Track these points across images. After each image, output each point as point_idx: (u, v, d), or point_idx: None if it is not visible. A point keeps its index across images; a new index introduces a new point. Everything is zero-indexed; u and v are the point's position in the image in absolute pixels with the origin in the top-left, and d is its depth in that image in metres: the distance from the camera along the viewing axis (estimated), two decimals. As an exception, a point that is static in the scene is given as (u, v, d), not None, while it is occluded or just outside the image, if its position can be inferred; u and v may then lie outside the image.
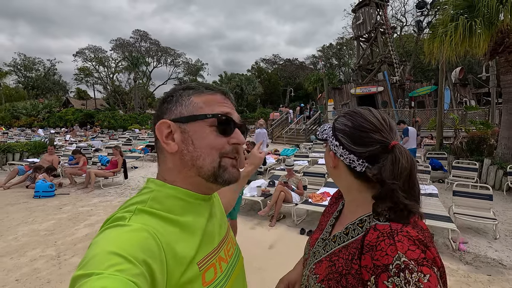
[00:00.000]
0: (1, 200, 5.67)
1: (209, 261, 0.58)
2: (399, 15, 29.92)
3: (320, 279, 0.67)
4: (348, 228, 0.69)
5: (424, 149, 10.63)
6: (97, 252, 0.43)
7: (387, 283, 0.53)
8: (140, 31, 41.65)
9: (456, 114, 11.18)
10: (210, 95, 0.64)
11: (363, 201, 0.70)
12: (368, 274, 0.57)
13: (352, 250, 0.63)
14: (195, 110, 0.61)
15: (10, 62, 42.41)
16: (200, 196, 0.63)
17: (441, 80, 9.63)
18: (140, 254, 0.44)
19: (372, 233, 0.60)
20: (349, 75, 38.02)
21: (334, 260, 0.67)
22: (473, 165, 6.62)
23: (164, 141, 0.60)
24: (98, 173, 6.86)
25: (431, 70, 27.30)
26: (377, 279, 0.55)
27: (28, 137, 17.27)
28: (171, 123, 0.60)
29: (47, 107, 32.17)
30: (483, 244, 3.68)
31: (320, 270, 0.69)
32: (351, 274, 0.61)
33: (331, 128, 0.76)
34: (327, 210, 0.93)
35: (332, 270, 0.65)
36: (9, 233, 4.05)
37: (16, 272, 3.01)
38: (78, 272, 0.40)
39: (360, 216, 0.69)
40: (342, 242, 0.69)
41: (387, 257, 0.55)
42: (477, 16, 6.11)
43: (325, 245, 0.74)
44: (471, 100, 19.03)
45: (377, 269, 0.56)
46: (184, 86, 0.65)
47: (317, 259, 0.74)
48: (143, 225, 0.49)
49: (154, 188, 0.59)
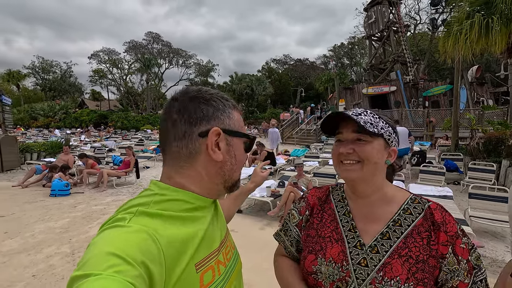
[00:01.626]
0: (20, 198, 5.88)
1: (208, 263, 0.58)
2: (413, 13, 29.33)
3: (405, 279, 0.64)
4: (399, 218, 0.72)
5: (438, 150, 10.36)
6: (96, 253, 0.43)
7: (462, 245, 0.67)
8: (152, 33, 42.42)
9: (473, 114, 10.84)
10: (239, 112, 0.68)
11: (392, 188, 0.78)
12: (446, 248, 0.67)
13: (423, 235, 0.69)
14: (239, 126, 0.66)
15: (29, 65, 44.03)
16: (209, 200, 0.65)
17: (456, 79, 9.36)
18: (139, 255, 0.44)
19: (436, 212, 0.71)
20: (361, 74, 37.48)
21: (405, 253, 0.67)
22: (490, 167, 6.41)
23: (212, 148, 0.60)
24: (110, 173, 7.02)
25: (446, 69, 26.60)
26: (454, 247, 0.67)
27: (45, 138, 17.85)
28: (221, 132, 0.61)
29: (64, 108, 33.13)
30: (501, 249, 3.56)
31: (395, 272, 0.65)
32: (432, 256, 0.67)
33: (388, 125, 0.76)
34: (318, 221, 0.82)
35: (412, 263, 0.66)
36: (26, 230, 4.19)
37: (32, 268, 3.11)
38: (76, 273, 0.40)
39: (406, 199, 0.75)
40: (400, 234, 0.70)
41: (454, 226, 0.69)
42: (494, 13, 5.93)
43: (373, 247, 0.70)
44: (489, 99, 18.41)
45: (452, 239, 0.67)
46: (221, 95, 0.66)
47: (375, 265, 0.67)
48: (143, 226, 0.49)
49: (158, 191, 0.58)
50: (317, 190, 0.89)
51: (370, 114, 0.75)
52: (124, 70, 44.09)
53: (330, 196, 0.85)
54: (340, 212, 0.79)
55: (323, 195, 0.86)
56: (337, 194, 0.84)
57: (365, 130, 0.70)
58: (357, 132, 0.72)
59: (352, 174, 0.73)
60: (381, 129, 0.73)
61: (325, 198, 0.85)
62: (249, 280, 2.84)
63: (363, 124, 0.70)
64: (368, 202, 0.76)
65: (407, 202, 0.74)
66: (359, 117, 0.72)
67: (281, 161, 8.83)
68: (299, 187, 4.78)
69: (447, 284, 0.66)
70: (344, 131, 0.75)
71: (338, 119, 0.76)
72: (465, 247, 0.67)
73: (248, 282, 2.87)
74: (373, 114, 0.75)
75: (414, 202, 0.74)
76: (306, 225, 0.84)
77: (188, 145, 0.60)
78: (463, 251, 0.67)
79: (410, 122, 15.48)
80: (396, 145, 0.77)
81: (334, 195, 0.84)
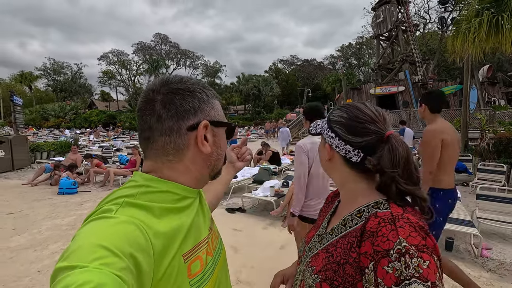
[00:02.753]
0: (29, 196, 6.01)
1: (195, 254, 0.58)
2: (422, 12, 28.90)
3: (317, 270, 0.67)
4: (346, 220, 0.70)
5: (447, 150, 10.15)
6: (82, 244, 0.41)
7: (387, 268, 0.53)
8: (161, 35, 42.94)
9: (483, 114, 10.60)
10: (219, 101, 0.68)
11: (360, 192, 0.71)
12: (367, 261, 0.57)
13: (350, 239, 0.64)
14: (221, 115, 0.66)
15: (40, 67, 45.07)
16: (195, 190, 0.65)
17: (466, 79, 9.17)
18: (127, 247, 0.43)
19: (373, 220, 0.60)
20: (368, 75, 37.14)
21: (331, 251, 0.67)
22: (501, 168, 6.25)
23: (202, 142, 0.60)
24: (117, 171, 7.12)
25: (457, 69, 26.10)
26: (376, 265, 0.55)
27: (55, 137, 18.20)
28: (209, 124, 0.61)
29: (74, 108, 33.81)
30: (509, 251, 3.46)
31: (316, 262, 0.69)
32: (348, 263, 0.61)
33: (325, 121, 0.77)
34: (323, 210, 0.94)
35: (330, 261, 0.65)
36: (34, 227, 4.28)
37: (38, 264, 3.17)
38: (61, 264, 0.39)
39: (358, 207, 0.68)
40: (339, 233, 0.69)
41: (388, 242, 0.55)
42: (504, 10, 5.78)
43: (322, 239, 0.75)
44: (501, 99, 17.98)
45: (377, 255, 0.55)
46: (203, 84, 0.65)
47: (313, 252, 0.74)
48: (130, 217, 0.48)
49: (143, 182, 0.57)
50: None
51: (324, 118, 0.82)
52: (133, 71, 44.78)
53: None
54: (335, 205, 0.87)
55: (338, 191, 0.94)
56: None
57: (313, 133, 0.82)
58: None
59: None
60: (317, 127, 0.80)
61: (338, 193, 0.90)
62: (252, 279, 2.83)
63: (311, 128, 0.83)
64: (342, 196, 0.80)
65: (368, 204, 0.67)
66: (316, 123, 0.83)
67: (286, 161, 8.79)
68: (303, 187, 4.74)
69: None
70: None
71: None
72: (391, 272, 0.52)
73: (251, 281, 2.86)
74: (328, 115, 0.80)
75: (376, 206, 0.66)
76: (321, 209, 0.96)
77: (177, 140, 0.58)
78: (385, 275, 0.53)
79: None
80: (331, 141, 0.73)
81: None
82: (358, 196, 0.71)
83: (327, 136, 0.74)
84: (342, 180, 0.76)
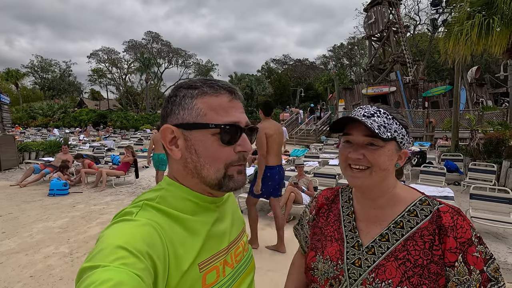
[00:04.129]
0: (17, 198, 5.83)
1: (212, 264, 0.57)
2: (413, 14, 29.37)
3: (397, 282, 0.62)
4: (412, 211, 0.69)
5: (438, 150, 10.36)
6: (104, 246, 0.44)
7: (476, 254, 0.61)
8: (152, 33, 42.36)
9: (472, 115, 10.84)
10: (215, 97, 0.58)
11: (403, 188, 0.75)
12: (455, 255, 0.61)
13: (427, 238, 0.64)
14: (198, 117, 0.56)
15: (27, 64, 43.92)
16: (209, 199, 0.61)
17: (456, 80, 9.36)
18: (146, 248, 0.45)
19: (445, 215, 0.65)
20: (360, 75, 37.54)
21: (403, 256, 0.64)
22: (491, 167, 6.40)
23: (168, 147, 0.58)
24: (109, 172, 6.98)
25: (446, 70, 26.66)
26: (465, 255, 0.61)
27: (44, 137, 17.77)
28: (174, 128, 0.57)
29: (62, 107, 33.04)
30: (503, 250, 3.54)
31: (388, 274, 0.64)
32: (433, 262, 0.62)
33: (401, 126, 0.70)
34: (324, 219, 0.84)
35: (408, 267, 0.63)
36: (24, 230, 4.15)
37: (30, 269, 3.07)
38: (85, 264, 0.42)
39: (407, 206, 0.70)
40: (400, 236, 0.67)
41: (468, 232, 0.63)
42: (495, 13, 5.91)
43: (370, 248, 0.69)
44: (488, 100, 18.42)
45: (463, 246, 0.61)
46: (188, 84, 0.60)
47: (368, 266, 0.67)
48: (149, 220, 0.51)
49: (165, 186, 0.60)
50: (328, 190, 0.90)
51: (384, 115, 0.69)
52: (124, 70, 44.05)
53: (339, 196, 0.85)
54: (344, 213, 0.80)
55: (331, 195, 0.87)
56: (346, 195, 0.84)
57: (377, 135, 0.65)
58: (369, 135, 0.67)
59: (360, 182, 0.69)
60: (394, 132, 0.68)
61: (333, 198, 0.85)
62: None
63: (377, 130, 0.65)
64: (373, 203, 0.74)
65: (414, 203, 0.70)
66: (372, 119, 0.67)
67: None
68: (300, 187, 4.75)
69: None
70: (354, 133, 0.70)
71: (348, 120, 0.71)
72: (479, 256, 0.61)
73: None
74: (386, 114, 0.69)
75: (423, 203, 0.69)
76: (312, 224, 0.86)
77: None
78: (476, 260, 0.60)
79: (410, 123, 15.48)
80: (407, 147, 0.72)
81: (343, 196, 0.85)
82: (400, 193, 0.73)
83: (407, 142, 0.71)
84: (390, 185, 0.72)
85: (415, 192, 0.74)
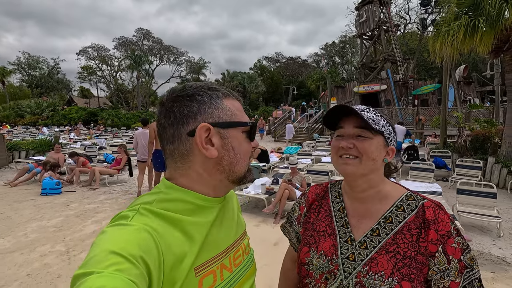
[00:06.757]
0: (9, 197, 5.76)
1: (208, 268, 0.57)
2: (403, 13, 29.79)
3: (389, 274, 0.66)
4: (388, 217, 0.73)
5: (427, 147, 10.61)
6: (98, 252, 0.43)
7: (454, 245, 0.67)
8: (143, 30, 41.82)
9: (460, 112, 11.14)
10: (233, 99, 0.64)
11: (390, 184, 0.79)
12: (435, 246, 0.67)
13: (414, 231, 0.69)
14: (233, 115, 0.61)
15: (14, 61, 42.78)
16: (214, 199, 0.62)
17: (445, 78, 9.60)
18: (140, 254, 0.45)
19: (428, 210, 0.71)
20: (352, 73, 37.89)
21: (393, 249, 0.69)
22: (477, 164, 6.61)
23: (204, 146, 0.57)
24: (102, 171, 6.94)
25: (435, 68, 27.15)
26: (445, 246, 0.67)
27: (32, 135, 17.40)
28: (211, 127, 0.57)
29: (51, 105, 32.36)
30: (487, 242, 3.70)
31: (380, 267, 0.68)
32: (420, 253, 0.67)
33: (388, 123, 0.77)
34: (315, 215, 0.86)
35: (398, 259, 0.67)
36: (18, 229, 4.12)
37: (27, 267, 3.07)
38: (79, 271, 0.41)
39: (395, 202, 0.75)
40: (390, 231, 0.71)
41: (447, 225, 0.68)
42: (481, 14, 6.08)
43: (362, 243, 0.73)
44: (475, 98, 18.90)
45: (443, 238, 0.67)
46: (208, 85, 0.62)
47: (362, 260, 0.71)
48: (144, 225, 0.50)
49: (163, 189, 0.59)
50: (317, 186, 0.93)
51: (373, 112, 0.76)
52: (114, 67, 43.35)
53: (328, 192, 0.88)
54: (335, 208, 0.82)
55: (321, 191, 0.90)
56: (335, 190, 0.87)
57: (367, 126, 0.71)
58: (359, 127, 0.73)
59: (350, 168, 0.73)
60: (382, 127, 0.74)
61: (323, 194, 0.88)
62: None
63: (366, 119, 0.71)
64: (363, 198, 0.77)
65: (401, 199, 0.75)
66: (363, 113, 0.73)
67: (274, 159, 8.89)
68: (294, 184, 4.84)
69: (438, 284, 0.67)
70: (345, 125, 0.76)
71: (340, 115, 0.77)
72: (457, 246, 0.67)
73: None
74: (375, 112, 0.77)
75: (409, 199, 0.74)
76: (304, 220, 0.88)
77: (180, 147, 0.58)
78: (454, 250, 0.66)
79: (400, 121, 15.75)
80: (394, 145, 0.78)
81: (332, 191, 0.87)
82: (388, 189, 0.77)
83: (393, 138, 0.78)
84: (378, 180, 0.77)
85: (401, 188, 0.79)
